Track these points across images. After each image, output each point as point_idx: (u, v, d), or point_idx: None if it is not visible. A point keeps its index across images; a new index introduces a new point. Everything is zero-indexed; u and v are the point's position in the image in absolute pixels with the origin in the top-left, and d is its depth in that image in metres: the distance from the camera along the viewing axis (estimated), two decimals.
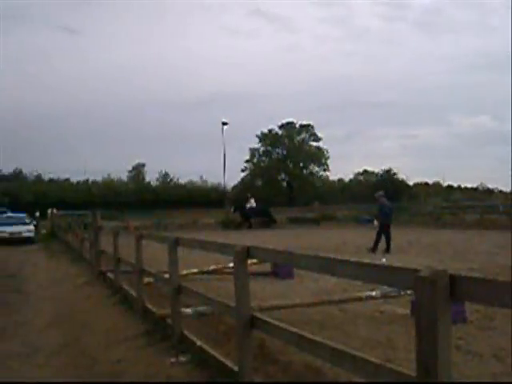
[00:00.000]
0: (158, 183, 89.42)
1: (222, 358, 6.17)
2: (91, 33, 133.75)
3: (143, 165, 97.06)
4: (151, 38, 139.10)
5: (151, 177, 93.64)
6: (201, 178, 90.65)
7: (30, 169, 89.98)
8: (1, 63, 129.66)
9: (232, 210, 46.95)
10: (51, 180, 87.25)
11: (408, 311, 9.03)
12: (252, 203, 46.52)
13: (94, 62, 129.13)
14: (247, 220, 44.59)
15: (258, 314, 5.54)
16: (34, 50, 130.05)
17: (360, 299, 9.70)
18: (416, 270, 3.14)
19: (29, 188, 75.40)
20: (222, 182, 72.80)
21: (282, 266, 13.08)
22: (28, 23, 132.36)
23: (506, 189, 76.26)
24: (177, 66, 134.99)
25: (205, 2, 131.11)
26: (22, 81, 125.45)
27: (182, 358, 6.87)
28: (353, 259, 4.04)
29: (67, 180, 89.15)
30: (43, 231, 40.00)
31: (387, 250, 20.58)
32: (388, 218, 21.87)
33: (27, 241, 32.62)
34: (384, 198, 22.65)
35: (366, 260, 4.08)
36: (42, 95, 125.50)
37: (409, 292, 8.75)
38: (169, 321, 8.06)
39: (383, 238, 21.34)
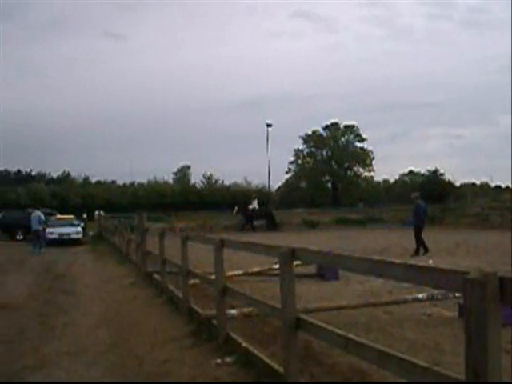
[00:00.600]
0: (202, 185, 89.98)
1: (267, 359, 6.17)
2: (136, 38, 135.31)
3: (188, 167, 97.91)
4: (194, 42, 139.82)
5: (196, 179, 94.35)
6: (245, 179, 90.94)
7: (77, 171, 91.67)
8: (47, 69, 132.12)
9: (234, 211, 45.62)
10: (98, 182, 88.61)
11: (455, 314, 8.91)
12: (254, 205, 45.95)
13: (139, 66, 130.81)
14: (248, 222, 43.53)
15: (304, 316, 5.53)
16: (80, 56, 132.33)
17: (406, 302, 9.60)
18: (465, 273, 3.09)
19: (76, 190, 76.69)
20: (267, 184, 72.86)
21: (328, 268, 13.02)
22: (74, 30, 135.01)
23: None
24: (221, 69, 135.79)
25: (247, 5, 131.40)
26: (69, 86, 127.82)
27: (228, 359, 6.89)
28: (400, 261, 4.01)
29: (114, 182, 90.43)
30: (90, 233, 40.67)
31: (417, 252, 20.25)
32: (422, 220, 21.55)
33: (75, 242, 33.25)
34: (420, 200, 22.34)
35: (413, 262, 4.03)
36: (89, 99, 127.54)
37: (457, 294, 8.64)
38: (214, 322, 8.10)
39: (426, 239, 21.03)
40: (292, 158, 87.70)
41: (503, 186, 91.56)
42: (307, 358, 6.58)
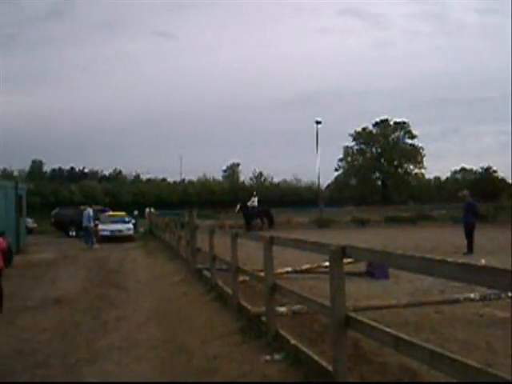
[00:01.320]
0: (252, 182, 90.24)
1: (316, 357, 6.15)
2: (187, 37, 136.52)
3: (238, 164, 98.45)
4: (243, 40, 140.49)
5: (245, 176, 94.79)
6: (295, 177, 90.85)
7: (128, 169, 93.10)
8: (100, 68, 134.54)
9: (236, 209, 42.16)
10: (149, 180, 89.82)
11: (508, 314, 8.72)
12: (254, 202, 42.49)
13: (189, 65, 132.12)
14: (248, 221, 40.83)
15: (353, 314, 5.50)
16: (132, 55, 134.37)
17: (458, 301, 9.44)
18: None
19: (128, 188, 77.93)
20: (316, 181, 72.62)
21: (377, 266, 12.91)
22: (126, 29, 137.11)
23: None
24: (270, 67, 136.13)
25: (295, 3, 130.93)
26: (121, 85, 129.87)
27: (277, 356, 6.90)
28: (451, 259, 3.95)
29: (164, 180, 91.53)
30: (141, 229, 41.25)
31: (470, 250, 19.89)
32: (475, 218, 21.18)
33: (127, 239, 33.78)
34: (470, 198, 21.95)
35: (465, 261, 3.97)
36: (140, 98, 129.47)
37: (510, 294, 8.47)
38: (263, 319, 8.12)
39: (475, 237, 20.67)
40: (341, 156, 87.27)
41: None
42: (356, 357, 6.54)
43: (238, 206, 41.68)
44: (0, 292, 11.35)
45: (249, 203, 42.06)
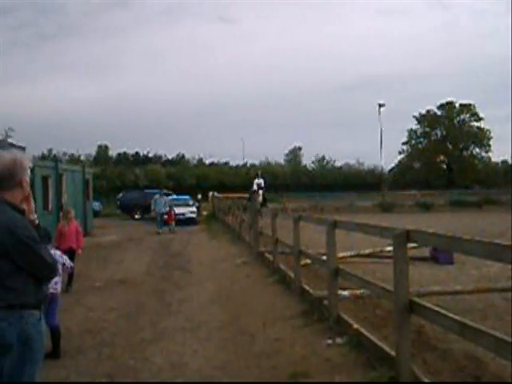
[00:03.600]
0: (314, 166, 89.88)
1: (378, 342, 6.11)
2: (248, 22, 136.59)
3: (300, 148, 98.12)
4: (306, 24, 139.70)
5: (307, 160, 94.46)
6: (357, 160, 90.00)
7: (192, 153, 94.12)
8: (164, 54, 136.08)
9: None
10: (212, 164, 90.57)
11: None
12: (257, 185, 34.30)
13: (251, 50, 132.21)
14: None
15: (417, 299, 5.42)
16: (196, 41, 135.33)
17: None
18: None
19: (191, 171, 78.75)
20: (379, 165, 71.79)
21: (442, 251, 12.70)
22: (190, 15, 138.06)
23: None
24: (333, 50, 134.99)
25: None
26: (185, 70, 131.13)
27: (339, 340, 6.89)
28: None
29: (226, 164, 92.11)
30: (204, 213, 41.67)
31: None
32: None
33: (191, 222, 34.21)
34: None
35: None
36: (205, 83, 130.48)
37: None
38: (325, 302, 8.10)
39: None
40: (405, 139, 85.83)
41: None
42: (420, 343, 6.47)
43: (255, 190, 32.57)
44: (71, 272, 11.71)
45: (254, 187, 33.48)
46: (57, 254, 7.52)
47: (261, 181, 34.19)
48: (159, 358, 7.04)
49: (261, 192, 30.72)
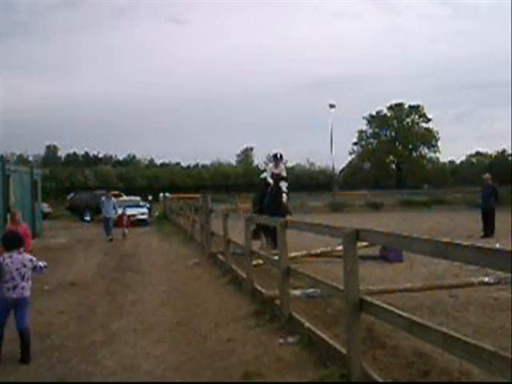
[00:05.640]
0: (265, 166, 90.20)
1: (330, 340, 6.18)
2: (199, 23, 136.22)
3: (251, 148, 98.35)
4: (256, 25, 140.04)
5: (259, 160, 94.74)
6: (308, 161, 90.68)
7: (142, 154, 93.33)
8: (114, 54, 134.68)
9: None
10: (163, 164, 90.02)
11: None
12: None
13: (203, 50, 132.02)
14: None
15: (367, 298, 5.50)
16: (145, 41, 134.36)
17: (472, 285, 9.41)
18: None
19: (142, 172, 78.13)
20: (330, 165, 72.51)
21: (392, 250, 12.89)
22: (140, 16, 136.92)
23: None
24: (284, 51, 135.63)
25: None
26: (135, 70, 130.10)
27: (290, 339, 6.93)
28: (467, 243, 3.93)
29: (178, 164, 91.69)
30: (156, 214, 41.36)
31: (489, 234, 19.84)
32: (494, 202, 21.11)
33: (141, 223, 33.89)
34: (491, 181, 21.85)
35: (480, 244, 3.94)
36: (154, 84, 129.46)
37: None
38: (277, 302, 8.14)
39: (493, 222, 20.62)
40: (355, 139, 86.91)
41: None
42: (370, 340, 6.56)
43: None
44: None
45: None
46: (25, 257, 7.38)
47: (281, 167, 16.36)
48: (111, 361, 6.95)
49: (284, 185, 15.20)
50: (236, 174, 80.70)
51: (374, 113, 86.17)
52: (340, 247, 9.09)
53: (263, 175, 16.93)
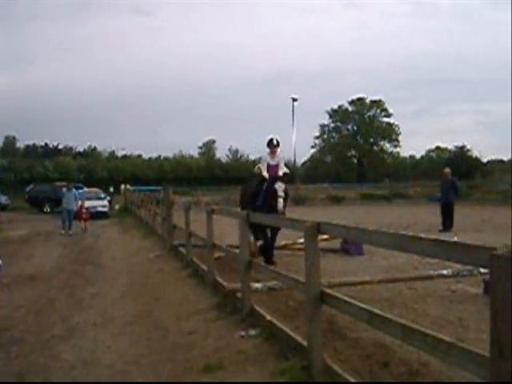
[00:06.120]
0: (228, 159, 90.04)
1: (291, 333, 6.20)
2: (162, 15, 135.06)
3: (214, 141, 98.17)
4: (222, 18, 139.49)
5: (221, 153, 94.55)
6: None
7: (104, 145, 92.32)
8: (76, 44, 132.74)
9: None
10: (124, 156, 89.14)
11: (480, 291, 8.86)
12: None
13: (166, 43, 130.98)
14: None
15: (328, 290, 5.53)
16: (108, 32, 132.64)
17: (431, 277, 9.57)
18: (492, 249, 3.06)
19: (103, 164, 77.22)
20: (292, 159, 72.69)
21: (352, 243, 13.00)
22: (102, 7, 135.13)
23: None
24: (248, 45, 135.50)
25: None
26: (96, 61, 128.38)
27: (252, 332, 6.95)
28: (426, 236, 3.98)
29: (140, 156, 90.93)
30: (117, 206, 40.99)
31: (448, 227, 20.22)
32: (453, 195, 21.52)
33: (102, 215, 33.53)
34: (451, 175, 22.23)
35: (439, 238, 4.00)
36: (116, 74, 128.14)
37: (482, 271, 8.60)
38: (239, 295, 8.15)
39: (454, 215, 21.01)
40: (317, 133, 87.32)
41: None
42: (331, 332, 6.61)
43: None
44: None
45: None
46: None
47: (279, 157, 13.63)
48: (71, 355, 6.87)
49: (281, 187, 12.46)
50: (198, 166, 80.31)
51: (335, 107, 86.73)
52: (301, 240, 9.16)
53: (258, 168, 14.01)
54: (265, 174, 12.95)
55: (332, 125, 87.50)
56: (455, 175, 24.47)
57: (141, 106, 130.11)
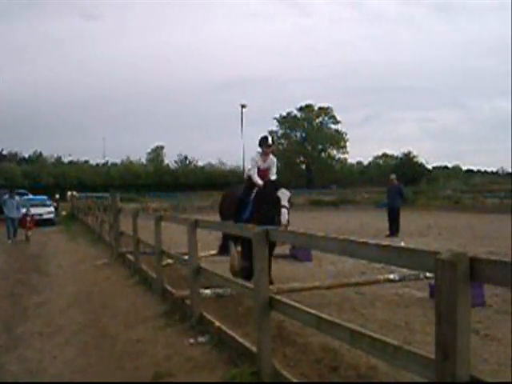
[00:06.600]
0: (176, 166, 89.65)
1: (240, 339, 6.20)
2: (108, 19, 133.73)
3: (162, 147, 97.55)
4: (171, 23, 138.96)
5: (170, 159, 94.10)
6: (219, 160, 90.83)
7: (49, 151, 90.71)
8: (22, 47, 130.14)
9: None
10: (71, 162, 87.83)
11: (426, 294, 9.05)
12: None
13: (111, 47, 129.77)
14: None
15: (277, 296, 5.56)
16: (56, 36, 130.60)
17: (378, 282, 9.71)
18: (436, 253, 3.13)
19: (49, 170, 75.95)
20: (241, 165, 72.82)
21: (301, 249, 13.09)
22: (50, 10, 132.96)
23: None
24: (197, 51, 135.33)
25: None
26: (43, 65, 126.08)
27: (201, 339, 6.92)
28: (373, 241, 4.04)
29: (87, 162, 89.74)
30: (63, 213, 40.30)
31: (394, 232, 20.61)
32: (399, 201, 21.94)
33: (48, 222, 32.88)
34: (397, 181, 22.67)
35: (385, 243, 4.07)
36: (61, 81, 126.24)
37: (428, 275, 8.77)
38: (188, 302, 8.11)
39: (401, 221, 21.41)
40: None
41: (474, 169, 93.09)
42: (280, 338, 6.63)
43: None
44: None
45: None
46: None
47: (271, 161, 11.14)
48: (15, 366, 6.71)
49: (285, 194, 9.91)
50: (146, 172, 79.76)
51: (284, 114, 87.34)
52: None
53: (248, 172, 11.64)
54: (256, 179, 10.53)
55: (281, 131, 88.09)
56: (401, 181, 24.97)
57: (88, 111, 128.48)
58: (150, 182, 73.17)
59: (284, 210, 9.58)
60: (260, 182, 10.41)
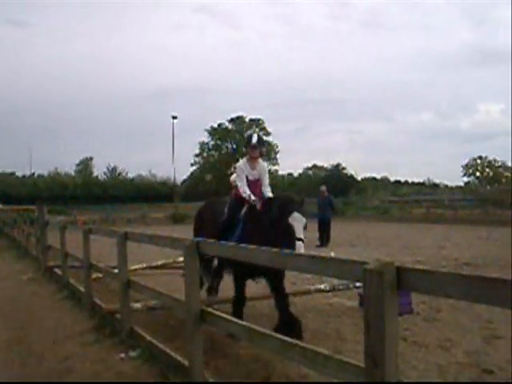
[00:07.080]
0: (105, 177, 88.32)
1: (172, 353, 6.15)
2: (38, 25, 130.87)
3: (91, 158, 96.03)
4: (99, 32, 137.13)
5: (99, 171, 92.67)
6: (149, 171, 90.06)
7: None
8: None
9: None
10: None
11: (356, 303, 9.20)
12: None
13: (41, 55, 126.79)
14: None
15: (208, 308, 5.54)
16: None
17: (309, 292, 9.81)
18: (364, 263, 3.19)
19: None
20: (172, 176, 72.44)
21: None
22: None
23: (452, 183, 78.76)
24: (126, 61, 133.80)
25: None
26: None
27: (132, 354, 6.82)
28: (303, 252, 4.08)
29: (12, 174, 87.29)
30: None
31: (324, 243, 20.96)
32: (330, 212, 22.36)
33: None
34: (327, 193, 23.09)
35: (316, 253, 4.12)
36: None
37: (357, 284, 8.92)
38: (118, 316, 7.99)
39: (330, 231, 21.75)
40: (197, 151, 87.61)
41: (402, 180, 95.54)
42: (212, 351, 6.60)
43: None
44: None
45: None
46: None
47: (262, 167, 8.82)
48: None
49: (300, 221, 7.64)
50: (74, 184, 78.17)
51: (215, 125, 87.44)
52: (181, 258, 9.11)
53: (234, 182, 9.55)
54: (247, 193, 8.20)
55: (212, 143, 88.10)
56: (331, 192, 25.37)
57: (13, 121, 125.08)
58: (78, 193, 71.76)
59: (299, 244, 7.31)
60: (253, 197, 8.08)
